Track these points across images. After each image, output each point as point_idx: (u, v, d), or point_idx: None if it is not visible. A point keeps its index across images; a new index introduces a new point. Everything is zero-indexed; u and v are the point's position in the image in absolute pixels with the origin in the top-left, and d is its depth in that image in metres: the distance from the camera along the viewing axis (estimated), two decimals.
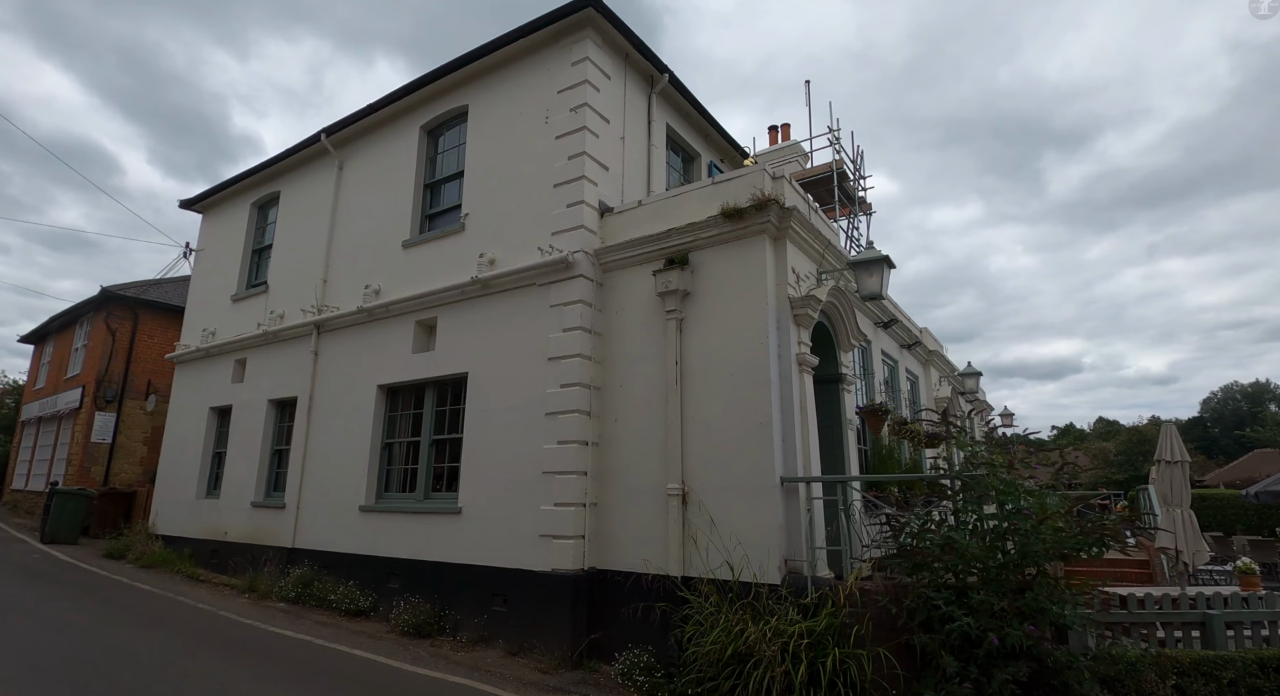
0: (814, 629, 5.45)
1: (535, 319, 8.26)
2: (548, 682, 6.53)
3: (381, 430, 9.85)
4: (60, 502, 13.64)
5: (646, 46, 9.47)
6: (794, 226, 7.25)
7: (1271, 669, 5.84)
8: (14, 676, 5.53)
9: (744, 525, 6.51)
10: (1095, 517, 5.97)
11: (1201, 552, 7.69)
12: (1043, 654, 4.97)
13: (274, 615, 8.67)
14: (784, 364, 6.93)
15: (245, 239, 13.72)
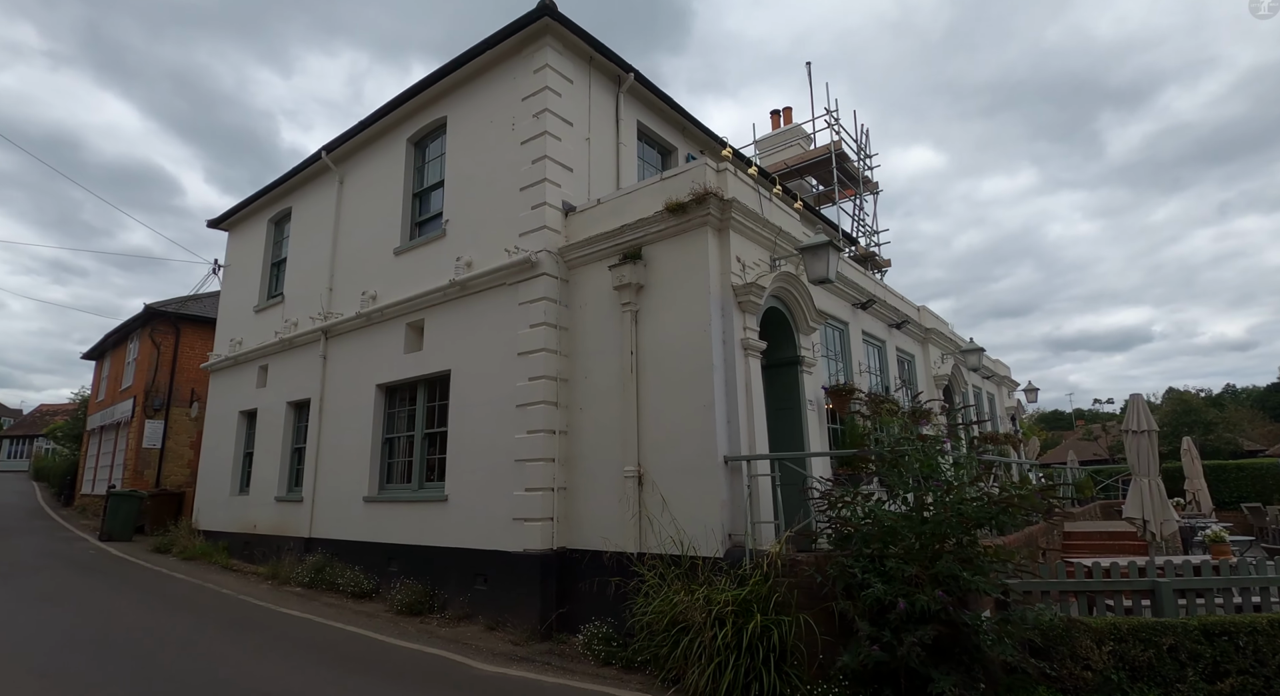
0: (739, 597, 5.79)
1: (506, 316, 8.77)
2: (517, 653, 7.06)
3: (381, 426, 10.55)
4: (115, 504, 14.96)
5: (608, 49, 9.82)
6: (736, 217, 7.54)
7: (1215, 634, 5.87)
8: (50, 646, 6.35)
9: (692, 503, 6.89)
10: (1014, 490, 6.10)
11: (1169, 522, 7.63)
12: (952, 618, 5.20)
13: (288, 598, 9.48)
14: (729, 349, 7.25)
15: (264, 253, 14.69)
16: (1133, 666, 5.86)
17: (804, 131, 19.39)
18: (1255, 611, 6.42)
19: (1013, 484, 6.28)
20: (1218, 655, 5.79)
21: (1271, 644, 5.71)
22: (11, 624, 7.10)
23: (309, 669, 6.19)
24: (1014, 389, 21.14)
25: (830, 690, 5.49)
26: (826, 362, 9.93)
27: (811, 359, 8.67)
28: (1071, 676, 5.90)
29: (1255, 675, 5.66)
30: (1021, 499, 5.74)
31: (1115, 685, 5.80)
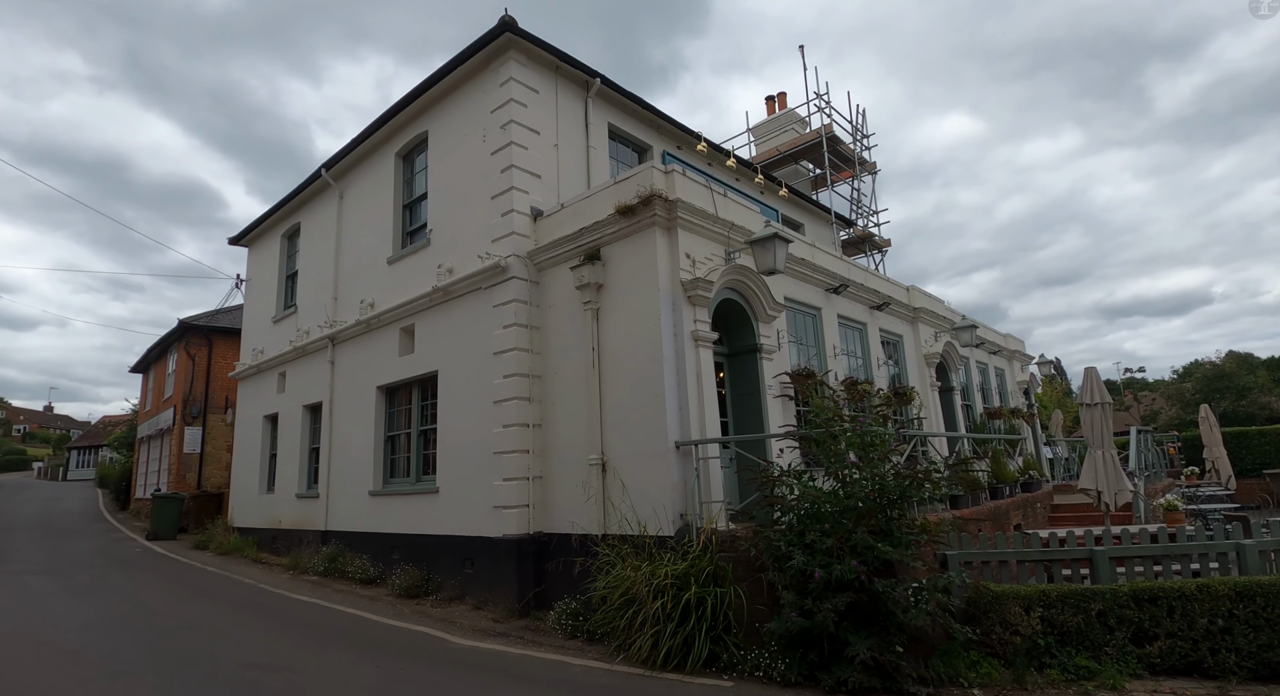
0: (678, 571, 6.26)
1: (483, 319, 9.35)
2: (496, 629, 7.69)
3: (383, 425, 11.30)
4: (159, 506, 16.21)
5: (572, 58, 10.26)
6: (683, 216, 7.93)
7: (1145, 600, 6.07)
8: (79, 627, 7.22)
9: (647, 486, 7.37)
10: (930, 466, 6.35)
11: (1123, 492, 7.76)
12: (867, 587, 5.56)
13: (302, 586, 10.32)
14: (680, 341, 7.67)
15: (279, 267, 15.62)
16: (1062, 631, 6.14)
17: (798, 116, 19.46)
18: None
19: (931, 463, 6.49)
20: (1146, 619, 6.01)
21: (1199, 608, 5.88)
22: (51, 610, 8.04)
23: (300, 644, 6.92)
24: (1027, 363, 20.88)
25: (761, 654, 5.94)
26: (796, 348, 10.23)
27: (772, 346, 9.00)
28: (1001, 641, 6.22)
29: (1183, 638, 5.86)
30: (927, 475, 6.02)
31: (1043, 649, 6.09)
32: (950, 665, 5.98)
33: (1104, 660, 5.95)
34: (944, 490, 6.12)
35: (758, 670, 5.89)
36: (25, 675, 5.57)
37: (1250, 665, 5.64)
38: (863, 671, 5.47)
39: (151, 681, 5.47)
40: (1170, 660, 5.87)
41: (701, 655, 6.00)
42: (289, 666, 6.06)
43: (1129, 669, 5.88)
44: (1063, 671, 5.92)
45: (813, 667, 5.73)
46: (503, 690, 5.63)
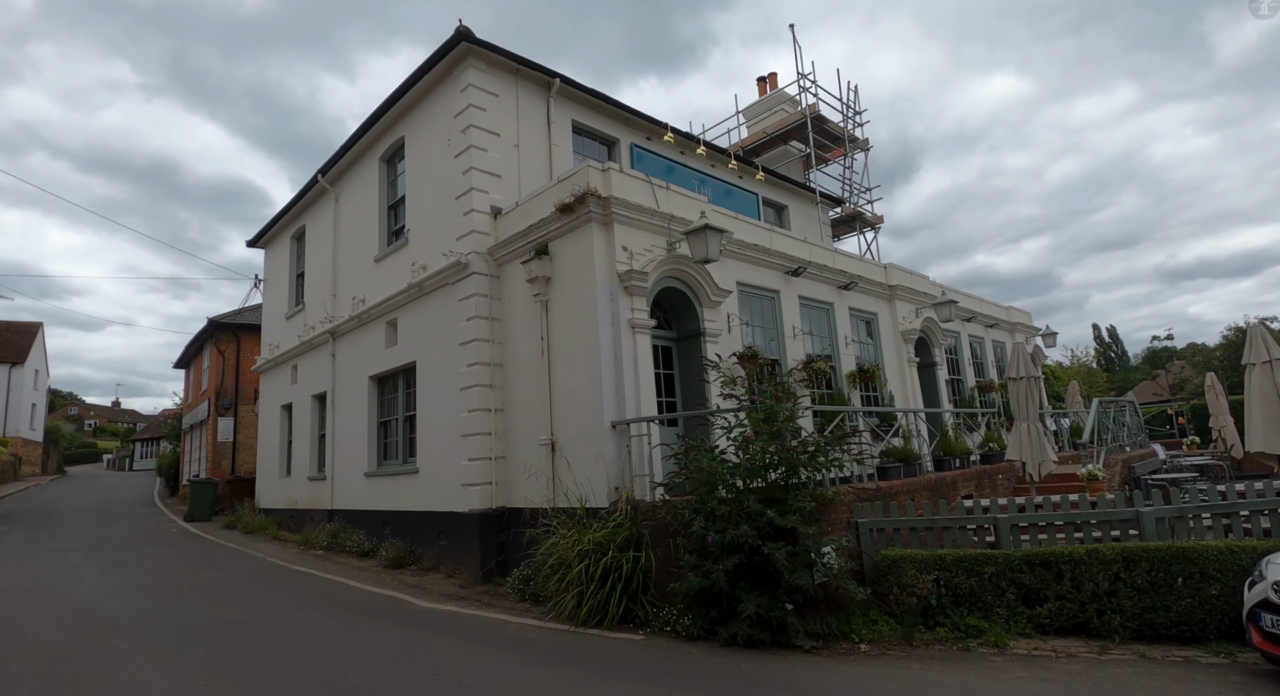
0: (598, 538, 6.91)
1: (450, 312, 10.08)
2: (460, 594, 8.50)
3: (376, 412, 12.22)
4: (195, 490, 17.69)
5: (531, 61, 10.79)
6: (619, 212, 8.45)
7: (1037, 564, 6.43)
8: (97, 592, 8.30)
9: (587, 462, 8.02)
10: (816, 441, 6.77)
11: (1046, 463, 8.01)
12: (755, 550, 6.10)
13: (306, 559, 11.38)
14: (617, 329, 8.25)
15: (290, 267, 16.70)
16: (956, 593, 6.58)
17: (787, 96, 19.51)
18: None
19: (822, 437, 6.89)
20: (1038, 582, 6.38)
21: (1088, 572, 6.21)
22: (78, 579, 9.20)
23: (280, 606, 7.85)
24: (1032, 336, 20.67)
25: (671, 612, 6.57)
26: (752, 330, 10.67)
27: (717, 329, 9.48)
28: (899, 602, 6.70)
29: (1071, 600, 6.21)
30: (801, 447, 6.47)
31: (936, 609, 6.55)
32: (845, 623, 6.50)
33: (994, 620, 6.37)
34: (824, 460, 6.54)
35: (667, 626, 6.52)
36: (39, 629, 6.60)
37: (1134, 626, 5.95)
38: (752, 626, 6.05)
39: (138, 633, 6.44)
40: (1059, 621, 6.24)
41: (617, 613, 6.67)
42: (259, 622, 6.97)
43: (1018, 628, 6.28)
44: (952, 630, 6.37)
45: (713, 623, 6.33)
46: (437, 642, 6.40)
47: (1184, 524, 6.52)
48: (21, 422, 38.51)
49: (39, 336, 42.02)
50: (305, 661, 5.71)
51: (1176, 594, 5.89)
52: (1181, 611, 5.85)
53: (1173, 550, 6.02)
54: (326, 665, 5.61)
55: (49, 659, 5.67)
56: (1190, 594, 5.84)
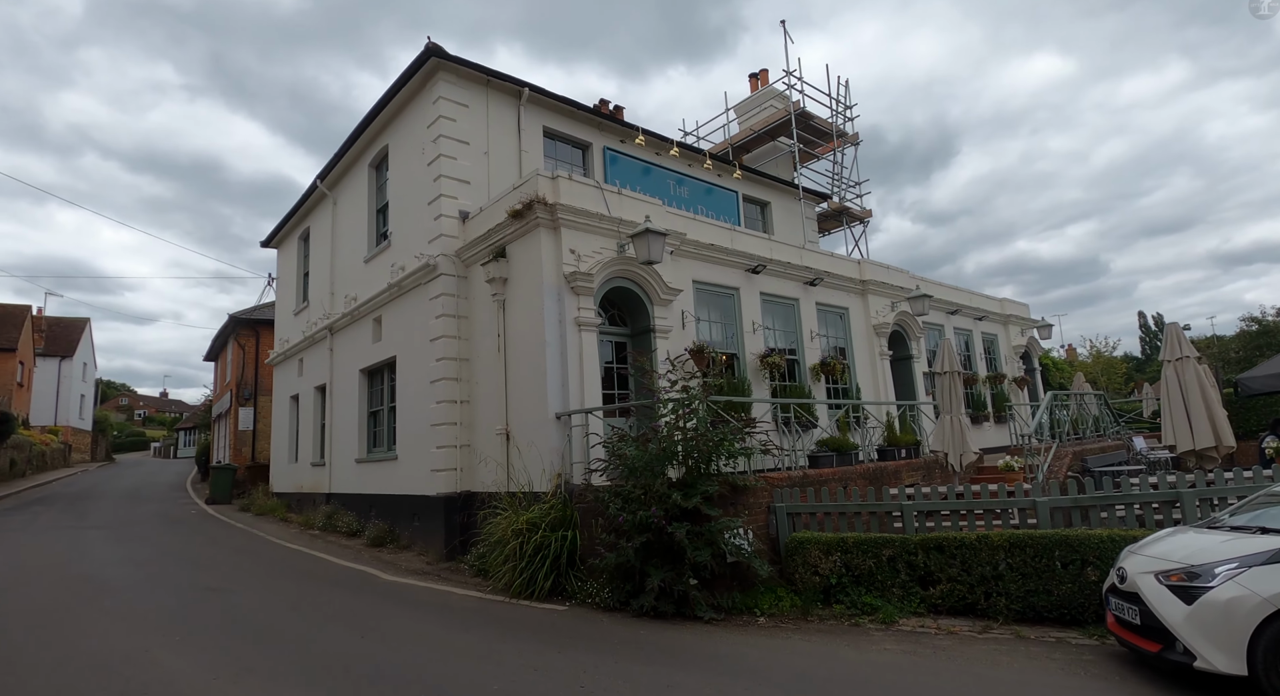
0: (530, 518, 7.58)
1: (422, 310, 10.83)
2: (425, 569, 9.28)
3: (366, 402, 13.10)
4: (215, 475, 18.96)
5: (500, 73, 11.43)
6: (566, 217, 9.04)
7: (932, 548, 6.89)
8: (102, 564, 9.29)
9: (536, 450, 8.68)
10: (721, 431, 7.27)
11: (967, 454, 8.36)
12: (661, 530, 6.68)
13: (302, 537, 12.34)
14: (563, 326, 8.87)
15: (297, 266, 17.72)
16: (856, 573, 7.08)
17: (776, 92, 19.74)
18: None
19: (731, 427, 7.39)
20: (932, 565, 6.83)
21: (977, 556, 6.65)
22: (89, 553, 10.26)
23: (258, 576, 8.73)
24: (1029, 328, 20.62)
25: (592, 585, 7.21)
26: (710, 326, 11.18)
27: (668, 326, 10.02)
28: (804, 580, 7.22)
29: (962, 582, 6.66)
30: (701, 438, 7.00)
31: (837, 587, 7.06)
32: (750, 598, 7.07)
33: (890, 599, 6.85)
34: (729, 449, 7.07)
35: (589, 598, 7.17)
36: (38, 593, 7.57)
37: (1018, 608, 6.37)
38: (658, 598, 6.65)
39: (124, 596, 7.36)
40: (950, 601, 6.69)
41: (545, 585, 7.34)
42: (233, 589, 7.85)
43: (911, 608, 6.76)
44: (849, 607, 6.88)
45: (627, 596, 6.95)
46: (381, 608, 7.16)
47: (1096, 513, 6.83)
48: (71, 412, 41.02)
49: (86, 331, 44.53)
50: (257, 620, 6.52)
51: (1058, 579, 6.27)
52: (1062, 595, 6.23)
53: (1055, 537, 6.41)
54: (276, 624, 6.40)
55: (40, 614, 6.58)
56: (1071, 579, 6.22)
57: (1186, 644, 4.42)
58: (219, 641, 5.78)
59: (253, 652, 5.49)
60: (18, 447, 25.12)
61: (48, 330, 39.57)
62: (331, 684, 4.80)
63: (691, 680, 4.93)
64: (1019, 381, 19.21)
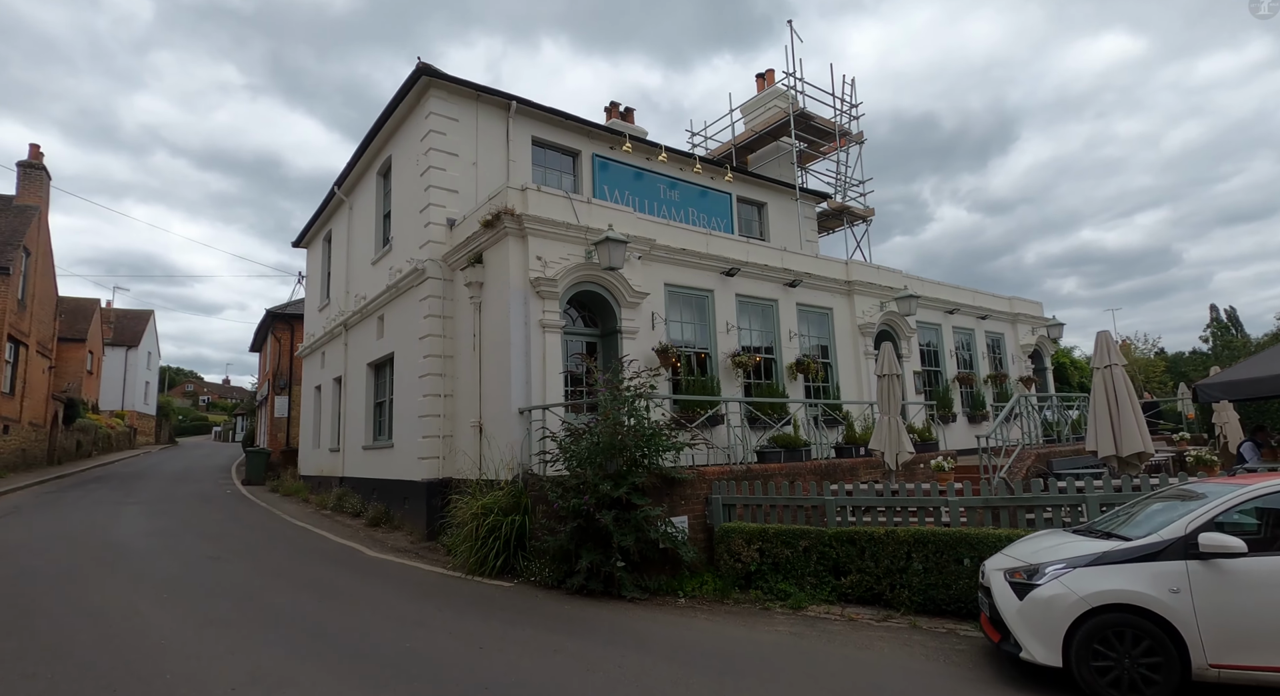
0: (485, 504, 8.37)
1: (413, 310, 11.74)
2: (408, 547, 10.22)
3: (372, 394, 14.17)
4: (251, 458, 20.55)
5: (490, 88, 12.21)
6: (534, 226, 9.75)
7: (845, 541, 7.38)
8: (130, 534, 10.53)
9: (502, 442, 9.47)
10: (653, 426, 7.86)
11: (903, 453, 8.69)
12: (591, 517, 7.36)
13: (313, 516, 13.51)
14: (529, 328, 9.61)
15: (323, 266, 18.99)
16: (775, 561, 7.63)
17: (780, 92, 19.96)
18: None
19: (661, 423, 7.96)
20: (844, 556, 7.33)
21: (884, 550, 7.12)
22: (122, 524, 11.58)
23: (260, 549, 9.80)
24: (1039, 327, 20.37)
25: (536, 564, 7.96)
26: (682, 326, 11.75)
27: (635, 327, 10.64)
28: (728, 567, 7.81)
29: (870, 573, 7.16)
30: (630, 433, 7.60)
31: (756, 574, 7.63)
32: (676, 581, 7.71)
33: (804, 586, 7.39)
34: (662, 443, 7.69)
35: (533, 576, 7.92)
36: (67, 556, 8.78)
37: (919, 600, 6.82)
38: (588, 578, 7.36)
39: (136, 561, 8.51)
40: (858, 591, 7.20)
41: (496, 564, 8.12)
42: (230, 558, 8.92)
43: (822, 595, 7.28)
44: (765, 592, 7.45)
45: (564, 575, 7.68)
46: (356, 578, 8.08)
47: (1023, 514, 7.11)
48: (136, 398, 44.27)
49: (150, 322, 47.81)
50: (240, 584, 7.50)
51: (958, 574, 6.69)
52: (960, 590, 6.64)
53: (957, 535, 6.82)
54: (255, 588, 7.37)
55: (63, 573, 7.73)
56: (969, 575, 6.61)
57: (1015, 635, 4.86)
58: (200, 600, 6.76)
59: (225, 609, 6.44)
60: (83, 430, 27.53)
61: (115, 322, 42.77)
62: (277, 634, 5.68)
63: (577, 644, 5.62)
64: (1025, 381, 19.05)
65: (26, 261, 19.90)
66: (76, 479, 19.68)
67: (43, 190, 21.10)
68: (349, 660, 5.13)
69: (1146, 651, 4.43)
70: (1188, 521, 4.61)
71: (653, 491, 7.91)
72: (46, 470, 21.10)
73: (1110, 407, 7.74)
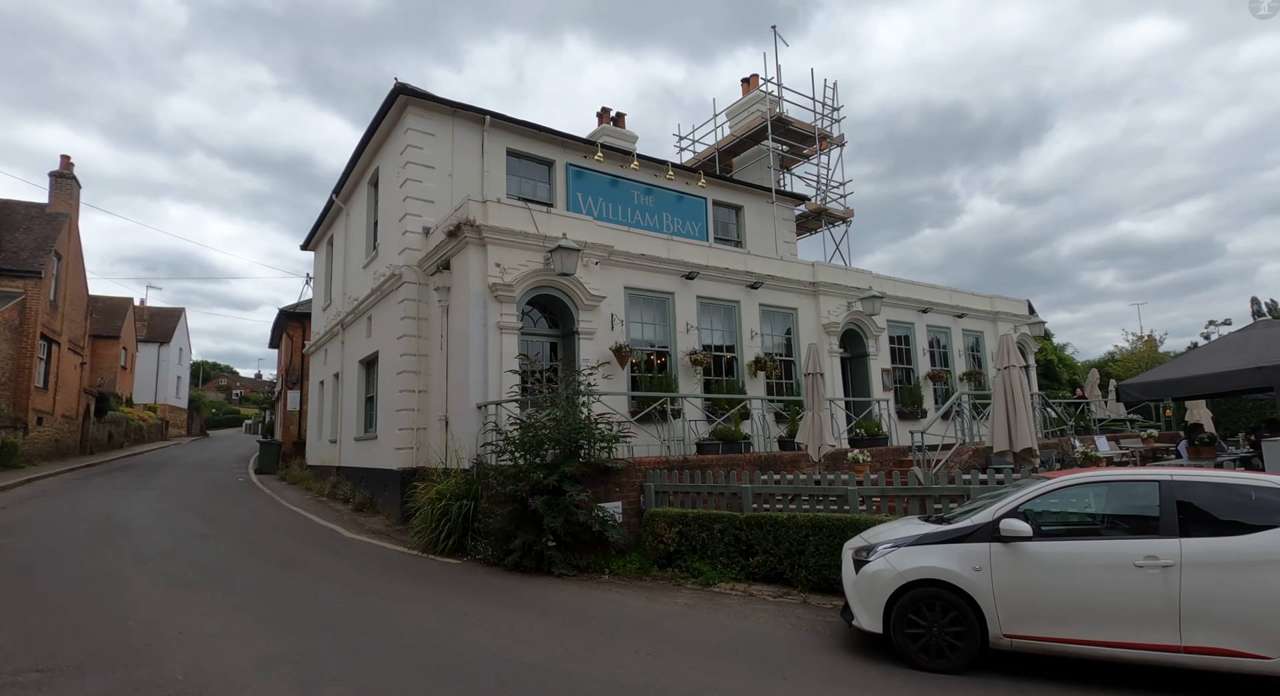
0: (438, 489, 9.26)
1: (393, 312, 12.70)
2: (383, 530, 11.19)
3: (363, 389, 15.20)
4: (263, 449, 21.89)
5: (465, 104, 13.08)
6: (493, 236, 10.58)
7: (754, 525, 8.09)
8: (136, 514, 11.67)
9: (463, 434, 10.36)
10: (579, 420, 8.64)
11: (825, 446, 9.33)
12: (524, 502, 8.19)
13: (308, 502, 14.61)
14: (487, 330, 10.47)
15: (326, 268, 20.15)
16: (693, 543, 8.37)
17: (762, 95, 20.49)
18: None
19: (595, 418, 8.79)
20: (752, 539, 8.06)
21: (786, 533, 7.83)
22: (131, 506, 12.78)
23: (249, 529, 10.86)
24: (1020, 325, 20.63)
25: (482, 544, 8.82)
26: (643, 327, 12.51)
27: (591, 329, 11.42)
28: (653, 549, 8.59)
29: (773, 554, 7.88)
30: (561, 426, 8.39)
31: (675, 554, 8.39)
32: (603, 560, 8.51)
33: (717, 565, 8.13)
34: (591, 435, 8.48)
35: (479, 555, 8.80)
36: (76, 532, 9.90)
37: (814, 579, 7.53)
38: (522, 556, 8.21)
39: (139, 537, 9.59)
40: (763, 570, 7.92)
41: (447, 544, 9.03)
42: (218, 536, 9.98)
43: (732, 574, 8.02)
44: (682, 571, 8.21)
45: (504, 554, 8.52)
46: (324, 555, 9.05)
47: (931, 503, 7.73)
48: (169, 392, 46.51)
49: (182, 319, 50.07)
50: (218, 557, 8.51)
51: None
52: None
53: (847, 521, 7.50)
54: (230, 561, 8.36)
55: (69, 545, 8.83)
56: None
57: (850, 605, 5.57)
58: (179, 568, 7.77)
59: (196, 576, 7.42)
60: (115, 422, 29.32)
61: (148, 319, 44.98)
62: (233, 595, 6.64)
63: (488, 609, 6.47)
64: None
65: (58, 265, 21.42)
66: (104, 467, 21.20)
67: (73, 198, 22.63)
68: (286, 614, 6.05)
69: (952, 621, 5.10)
70: (994, 509, 5.25)
71: (589, 479, 8.72)
72: (78, 459, 22.71)
73: (1008, 406, 8.30)
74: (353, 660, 4.91)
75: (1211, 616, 4.50)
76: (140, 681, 4.34)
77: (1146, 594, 4.64)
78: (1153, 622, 4.61)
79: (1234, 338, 10.62)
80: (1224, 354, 9.62)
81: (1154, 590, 4.62)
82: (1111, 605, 4.72)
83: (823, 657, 5.34)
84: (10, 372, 18.66)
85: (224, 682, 4.36)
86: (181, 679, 4.39)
